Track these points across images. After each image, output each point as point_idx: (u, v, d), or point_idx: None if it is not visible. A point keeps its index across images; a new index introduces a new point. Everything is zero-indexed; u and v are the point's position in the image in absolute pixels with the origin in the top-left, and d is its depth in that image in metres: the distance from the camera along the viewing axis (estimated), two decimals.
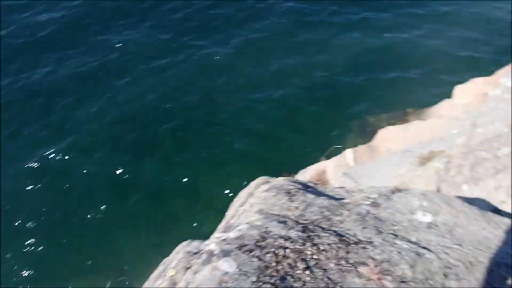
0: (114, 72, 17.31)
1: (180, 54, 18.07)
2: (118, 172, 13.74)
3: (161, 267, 2.58)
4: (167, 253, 3.23)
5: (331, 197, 3.37)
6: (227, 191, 12.65)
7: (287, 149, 14.10)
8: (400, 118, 14.31)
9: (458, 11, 20.39)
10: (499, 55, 17.07)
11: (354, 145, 12.16)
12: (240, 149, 14.26)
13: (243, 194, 3.34)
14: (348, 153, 11.08)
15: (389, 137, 11.27)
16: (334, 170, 10.18)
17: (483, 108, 8.77)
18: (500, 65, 12.28)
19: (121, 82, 16.83)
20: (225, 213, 3.92)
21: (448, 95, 12.80)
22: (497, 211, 5.70)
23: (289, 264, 2.37)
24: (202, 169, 13.73)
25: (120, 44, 18.66)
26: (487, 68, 13.45)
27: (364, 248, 2.73)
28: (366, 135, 13.60)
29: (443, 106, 12.84)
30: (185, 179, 13.45)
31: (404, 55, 17.87)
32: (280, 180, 3.27)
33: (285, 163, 12.67)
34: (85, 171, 13.82)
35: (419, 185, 7.49)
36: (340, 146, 13.01)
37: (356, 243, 2.76)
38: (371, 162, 10.22)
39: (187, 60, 17.78)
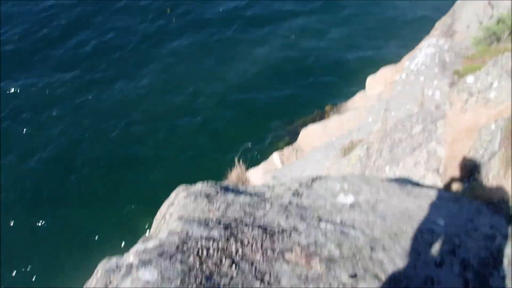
0: (15, 122, 16.03)
1: (90, 92, 17.18)
2: (39, 223, 12.94)
3: None
4: None
5: (252, 194, 3.35)
6: None
7: (215, 169, 13.92)
8: (320, 116, 14.69)
9: (360, 12, 21.33)
10: (403, 47, 17.94)
11: (280, 148, 12.33)
12: (167, 177, 13.87)
13: (164, 206, 3.26)
14: (275, 156, 11.21)
15: (312, 135, 11.53)
16: (263, 175, 10.24)
17: (393, 93, 9.19)
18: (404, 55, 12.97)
19: (24, 133, 15.71)
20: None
21: (363, 88, 13.35)
22: (419, 185, 5.95)
23: (214, 263, 2.31)
24: (131, 206, 13.28)
25: (19, 91, 17.27)
26: (394, 62, 14.11)
27: (289, 235, 2.72)
28: (290, 137, 13.83)
29: (358, 98, 13.33)
30: (114, 218, 12.89)
31: (316, 60, 18.39)
32: (199, 185, 3.21)
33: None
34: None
35: None
36: (249, 146, 13.11)
37: (280, 232, 2.75)
38: (298, 161, 10.39)
39: (99, 97, 16.98)
